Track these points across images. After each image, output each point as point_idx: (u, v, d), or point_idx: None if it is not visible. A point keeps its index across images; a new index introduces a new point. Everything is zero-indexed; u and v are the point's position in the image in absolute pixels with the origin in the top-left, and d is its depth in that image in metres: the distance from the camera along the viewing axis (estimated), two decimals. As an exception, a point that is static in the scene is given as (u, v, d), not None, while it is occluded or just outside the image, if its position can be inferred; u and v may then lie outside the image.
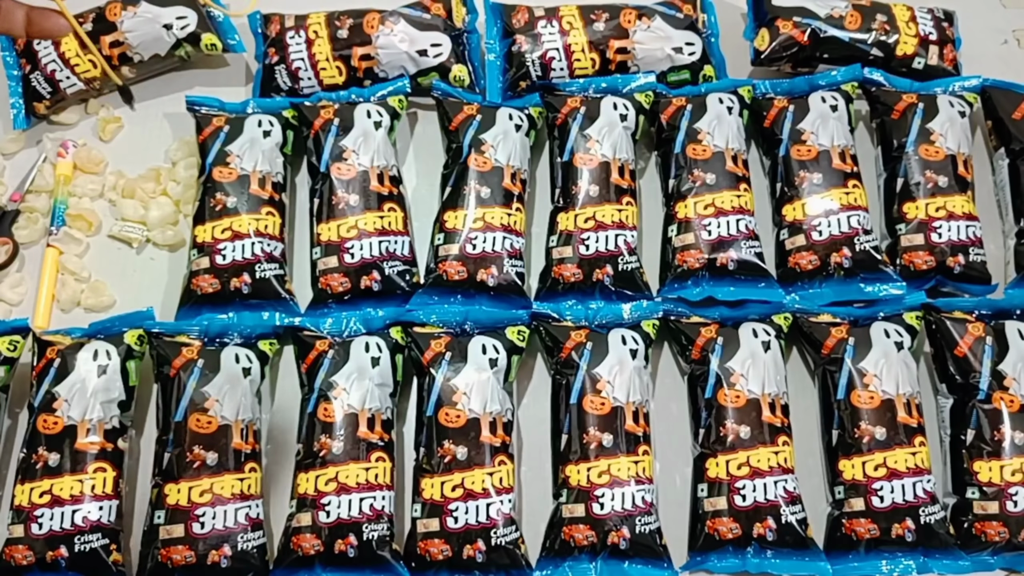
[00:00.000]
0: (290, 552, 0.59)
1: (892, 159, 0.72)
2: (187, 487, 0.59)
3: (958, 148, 0.71)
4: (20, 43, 0.76)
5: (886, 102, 0.73)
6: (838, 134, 0.71)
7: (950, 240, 0.68)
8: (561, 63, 0.76)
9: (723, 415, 0.62)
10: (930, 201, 0.69)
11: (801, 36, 0.76)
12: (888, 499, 0.61)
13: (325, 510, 0.59)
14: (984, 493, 0.62)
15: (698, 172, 0.70)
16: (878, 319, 0.66)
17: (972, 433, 0.63)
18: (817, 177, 0.70)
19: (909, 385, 0.63)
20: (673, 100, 0.73)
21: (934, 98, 0.73)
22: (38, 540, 0.58)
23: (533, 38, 0.76)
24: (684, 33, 0.76)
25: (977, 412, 0.63)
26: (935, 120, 0.72)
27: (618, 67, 0.76)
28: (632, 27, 0.76)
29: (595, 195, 0.69)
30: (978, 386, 0.63)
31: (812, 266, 0.68)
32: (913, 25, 0.77)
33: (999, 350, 0.64)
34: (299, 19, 0.77)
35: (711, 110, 0.72)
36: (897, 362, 0.64)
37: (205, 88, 0.79)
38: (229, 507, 0.59)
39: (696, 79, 0.77)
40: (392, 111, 0.73)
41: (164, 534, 0.58)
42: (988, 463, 0.62)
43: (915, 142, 0.71)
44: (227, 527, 0.59)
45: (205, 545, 0.58)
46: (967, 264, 0.68)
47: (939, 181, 0.70)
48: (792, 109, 0.72)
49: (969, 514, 0.62)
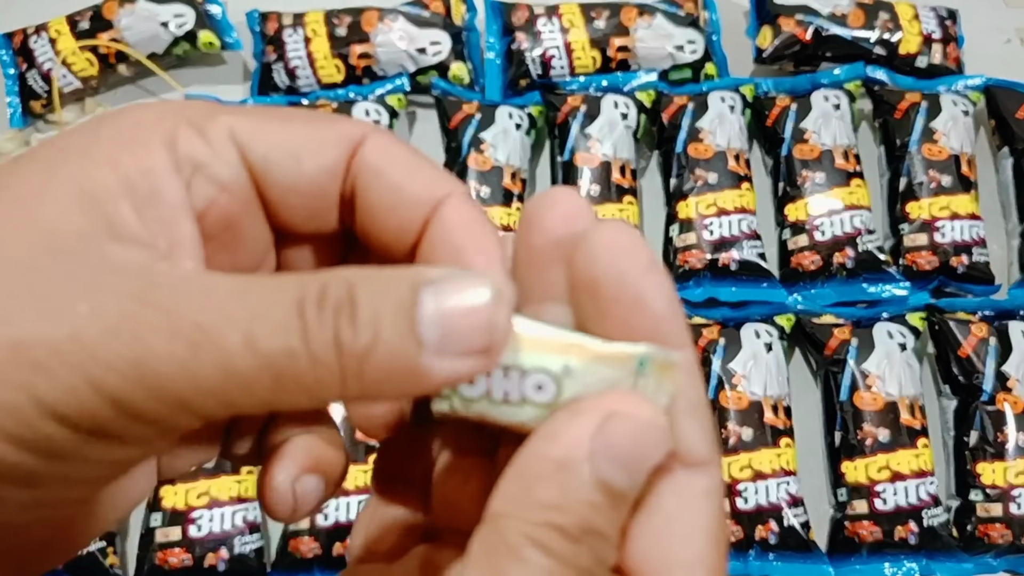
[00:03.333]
0: (287, 555, 0.59)
1: (895, 158, 0.71)
2: (183, 490, 0.58)
3: (961, 147, 0.70)
4: (16, 41, 0.76)
5: (889, 101, 0.73)
6: (841, 133, 0.71)
7: (953, 240, 0.68)
8: (561, 61, 0.75)
9: (725, 417, 0.62)
10: (933, 201, 0.69)
11: (803, 34, 0.75)
12: (891, 502, 0.60)
13: (324, 513, 0.59)
14: (987, 495, 0.61)
15: (700, 171, 0.69)
16: (881, 320, 0.65)
17: (975, 435, 0.62)
18: (820, 176, 0.69)
19: (912, 387, 0.63)
20: (674, 99, 0.72)
21: (937, 97, 0.72)
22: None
23: (533, 36, 0.76)
24: (686, 31, 0.76)
25: (980, 414, 0.62)
26: (938, 119, 0.71)
27: (619, 65, 0.76)
28: (633, 25, 0.75)
29: (596, 194, 0.68)
30: (981, 387, 0.63)
31: (815, 266, 0.68)
32: (916, 23, 0.76)
33: (1003, 351, 0.63)
34: (297, 17, 0.76)
35: (713, 109, 0.71)
36: (900, 363, 0.63)
37: (203, 87, 0.78)
38: (227, 510, 0.58)
39: (698, 77, 0.76)
40: (391, 110, 0.72)
41: (161, 537, 0.58)
42: (992, 465, 0.61)
43: (918, 141, 0.71)
44: (224, 531, 0.58)
45: (202, 548, 0.58)
46: (970, 264, 0.68)
47: (942, 181, 0.69)
48: (794, 108, 0.72)
49: (972, 517, 0.61)
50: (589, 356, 0.20)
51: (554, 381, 0.20)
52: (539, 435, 0.19)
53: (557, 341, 0.20)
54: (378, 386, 0.18)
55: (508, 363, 0.20)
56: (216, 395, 0.17)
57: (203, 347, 0.17)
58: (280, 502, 0.22)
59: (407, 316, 0.18)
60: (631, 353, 0.19)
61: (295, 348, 0.17)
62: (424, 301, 0.18)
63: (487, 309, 0.18)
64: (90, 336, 0.17)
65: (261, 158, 0.21)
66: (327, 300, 0.18)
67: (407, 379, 0.18)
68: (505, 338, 0.19)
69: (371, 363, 0.18)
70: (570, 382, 0.20)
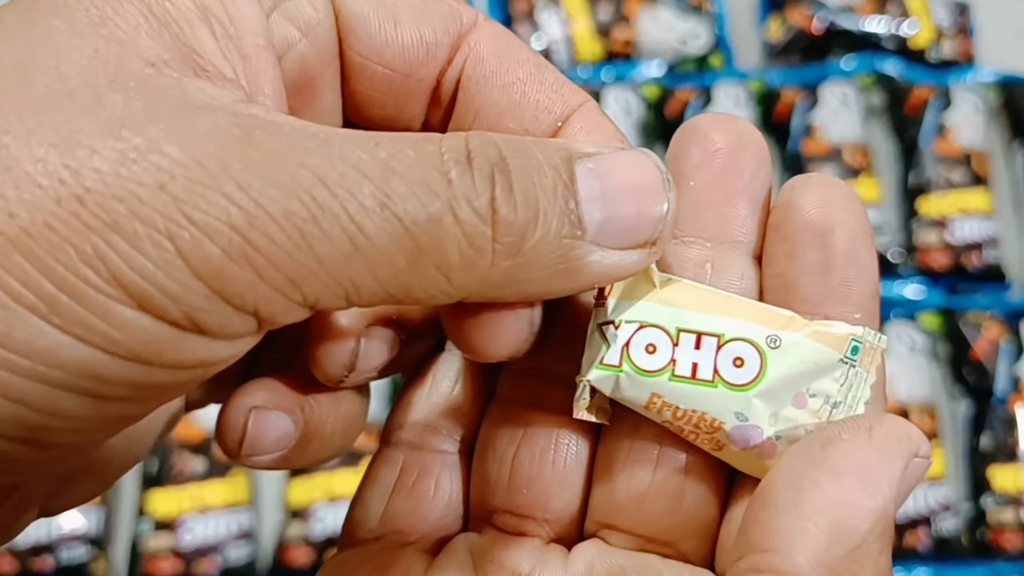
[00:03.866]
0: (280, 565, 0.58)
1: (906, 153, 0.70)
2: (175, 495, 0.57)
3: (974, 142, 0.69)
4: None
5: (900, 94, 0.71)
6: (851, 127, 0.69)
7: (965, 237, 0.66)
8: (563, 53, 0.74)
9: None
10: (945, 197, 0.67)
11: (812, 25, 0.73)
12: (902, 507, 0.59)
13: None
14: (1000, 500, 0.60)
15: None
16: (892, 320, 0.64)
17: (988, 438, 0.61)
18: (829, 172, 0.68)
19: (924, 389, 0.62)
20: (680, 91, 0.71)
21: (949, 91, 0.71)
22: (22, 550, 0.56)
23: (534, 26, 0.74)
24: (691, 21, 0.74)
25: (993, 416, 0.61)
26: (950, 113, 0.70)
27: (622, 57, 0.74)
28: (636, 15, 0.74)
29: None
30: (994, 389, 0.61)
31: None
32: (928, 15, 0.75)
33: (1017, 352, 0.62)
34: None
35: (719, 102, 0.70)
36: (911, 365, 0.62)
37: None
38: (219, 516, 0.57)
39: (703, 69, 0.75)
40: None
41: (151, 544, 0.56)
42: (1004, 469, 0.60)
43: (930, 136, 0.69)
44: (217, 537, 0.57)
45: (194, 555, 0.56)
46: (983, 262, 0.66)
47: (954, 176, 0.68)
48: (803, 101, 0.70)
49: (984, 522, 0.60)
50: (802, 329, 0.17)
51: (758, 356, 0.17)
52: (847, 469, 0.15)
53: (750, 306, 0.17)
54: (530, 273, 0.15)
55: (700, 327, 0.17)
56: (334, 274, 0.14)
57: (327, 207, 0.13)
58: (227, 431, 0.18)
59: (566, 190, 0.15)
60: (847, 332, 0.17)
61: (441, 213, 0.14)
62: (581, 176, 0.15)
63: (656, 189, 0.15)
64: (179, 188, 0.13)
65: (353, 8, 0.17)
66: (475, 162, 0.14)
67: (561, 268, 0.15)
68: (672, 230, 0.16)
69: (530, 241, 0.15)
70: (776, 359, 0.17)
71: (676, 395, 0.17)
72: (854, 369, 0.17)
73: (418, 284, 0.15)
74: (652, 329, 0.17)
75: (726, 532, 0.18)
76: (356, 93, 0.18)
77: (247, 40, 0.16)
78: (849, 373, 0.17)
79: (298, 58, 0.17)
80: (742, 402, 0.17)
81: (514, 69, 0.18)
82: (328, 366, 0.18)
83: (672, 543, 0.18)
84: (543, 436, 0.18)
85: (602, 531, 0.18)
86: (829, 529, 0.15)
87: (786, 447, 0.17)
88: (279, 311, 0.14)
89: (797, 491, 0.15)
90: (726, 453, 0.17)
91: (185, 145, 0.13)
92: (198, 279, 0.13)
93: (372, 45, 0.18)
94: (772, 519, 0.15)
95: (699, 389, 0.17)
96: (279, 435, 0.18)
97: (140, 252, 0.13)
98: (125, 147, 0.13)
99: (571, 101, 0.18)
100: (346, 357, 0.18)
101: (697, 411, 0.17)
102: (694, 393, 0.17)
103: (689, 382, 0.17)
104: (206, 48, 0.15)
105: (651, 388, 0.17)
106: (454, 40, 0.18)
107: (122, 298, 0.13)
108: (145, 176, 0.13)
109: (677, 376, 0.17)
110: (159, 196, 0.13)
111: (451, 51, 0.18)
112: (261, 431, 0.18)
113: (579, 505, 0.18)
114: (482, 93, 0.18)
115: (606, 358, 0.17)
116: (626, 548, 0.18)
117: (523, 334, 0.17)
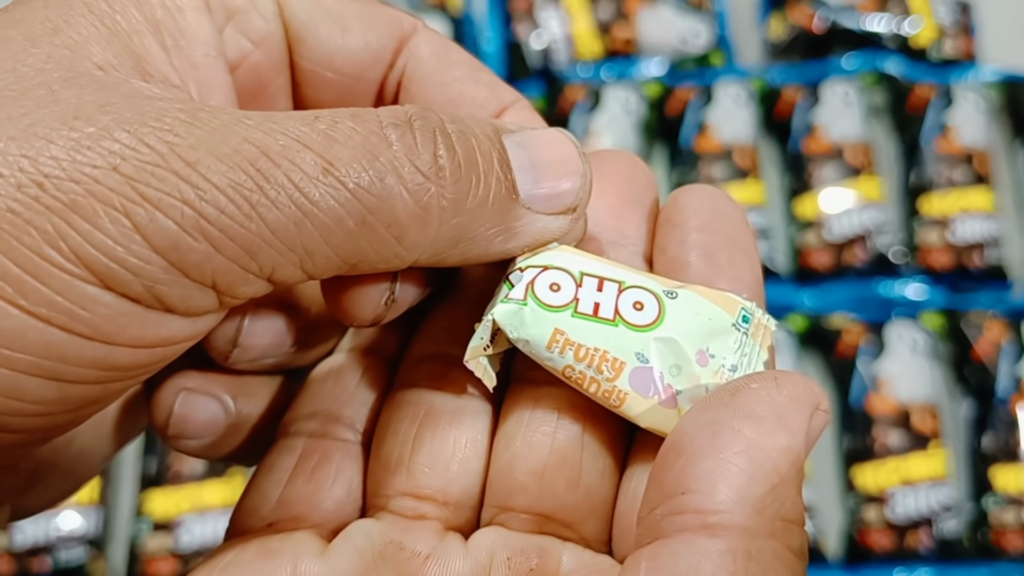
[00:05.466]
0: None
1: (908, 153, 0.70)
2: (174, 496, 0.57)
3: (975, 142, 0.69)
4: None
5: (902, 93, 0.71)
6: (852, 126, 0.69)
7: (967, 237, 0.66)
8: (563, 51, 0.73)
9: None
10: (947, 196, 0.67)
11: (814, 24, 0.73)
12: (903, 508, 0.59)
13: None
14: (1002, 501, 0.60)
15: (706, 166, 0.67)
16: (894, 320, 0.64)
17: (990, 438, 0.61)
18: (830, 171, 0.67)
19: (927, 389, 0.61)
20: (680, 90, 0.71)
21: (951, 90, 0.71)
22: (20, 551, 0.55)
23: (534, 25, 0.74)
24: (692, 19, 0.74)
25: (995, 417, 0.61)
26: (952, 112, 0.69)
27: (622, 55, 0.74)
28: (637, 13, 0.74)
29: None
30: (996, 390, 0.61)
31: (826, 264, 0.66)
32: (930, 14, 0.74)
33: (1018, 352, 0.62)
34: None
35: (720, 101, 0.69)
36: (913, 365, 0.62)
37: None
38: (218, 516, 0.57)
39: (704, 67, 0.74)
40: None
41: (149, 545, 0.56)
42: (1007, 469, 0.60)
43: (932, 135, 0.69)
44: (216, 538, 0.57)
45: (192, 556, 0.56)
46: (985, 262, 0.66)
47: (956, 176, 0.68)
48: (804, 100, 0.70)
49: (986, 523, 0.60)
50: (696, 288, 0.18)
51: (657, 302, 0.17)
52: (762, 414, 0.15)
53: (650, 274, 0.18)
54: (474, 230, 0.16)
55: (602, 273, 0.18)
56: (286, 242, 0.15)
57: (271, 177, 0.14)
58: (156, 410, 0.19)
59: (501, 158, 0.16)
60: (737, 299, 0.18)
61: (384, 173, 0.15)
62: (511, 148, 0.16)
63: (575, 161, 0.17)
64: (131, 169, 0.14)
65: (302, 19, 0.19)
66: (415, 126, 0.15)
67: (501, 228, 0.16)
68: (588, 198, 0.17)
69: (473, 199, 0.16)
70: (674, 308, 0.17)
71: (578, 332, 0.17)
72: (747, 339, 0.18)
73: (371, 247, 0.15)
74: (556, 271, 0.18)
75: (623, 508, 0.18)
76: (307, 98, 0.20)
77: (198, 50, 0.17)
78: (743, 342, 0.18)
79: (252, 67, 0.19)
80: (642, 343, 0.17)
81: (452, 69, 0.19)
82: (213, 338, 0.19)
83: (572, 524, 0.18)
84: (444, 415, 0.19)
85: (501, 515, 0.18)
86: (750, 467, 0.15)
87: (687, 404, 0.17)
88: (236, 282, 0.15)
89: (713, 435, 0.15)
90: (627, 408, 0.17)
91: (135, 130, 0.14)
92: (156, 252, 0.14)
93: (321, 52, 0.19)
94: (689, 464, 0.15)
95: (601, 327, 0.17)
96: (207, 419, 0.19)
97: (99, 229, 0.14)
98: (79, 135, 0.14)
99: (505, 98, 0.20)
100: (231, 332, 0.19)
101: (600, 349, 0.17)
102: (596, 331, 0.17)
103: (591, 319, 0.17)
104: (154, 56, 0.16)
105: (554, 323, 0.17)
106: (397, 44, 0.19)
107: (85, 276, 0.14)
108: (99, 160, 0.14)
109: (580, 313, 0.17)
110: (113, 177, 0.14)
111: (394, 55, 0.19)
112: (188, 412, 0.19)
113: (479, 491, 0.18)
114: (422, 92, 0.19)
115: (511, 295, 0.17)
116: (526, 531, 0.18)
117: (382, 299, 0.18)
